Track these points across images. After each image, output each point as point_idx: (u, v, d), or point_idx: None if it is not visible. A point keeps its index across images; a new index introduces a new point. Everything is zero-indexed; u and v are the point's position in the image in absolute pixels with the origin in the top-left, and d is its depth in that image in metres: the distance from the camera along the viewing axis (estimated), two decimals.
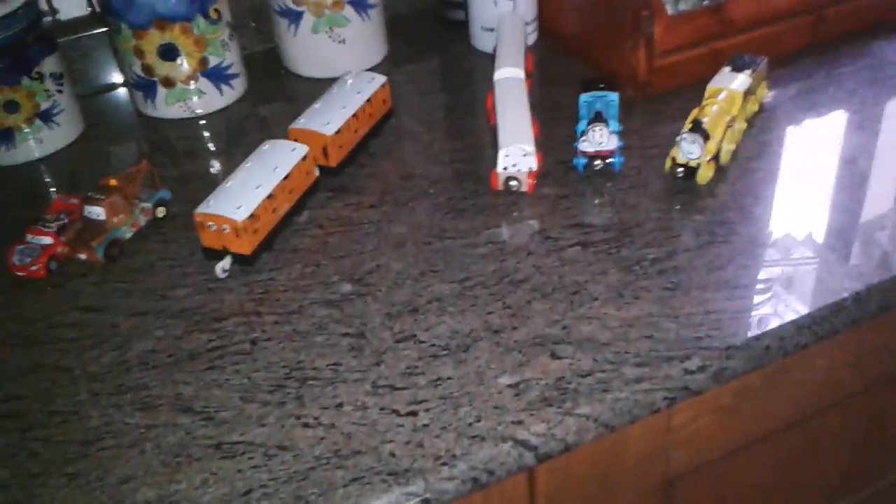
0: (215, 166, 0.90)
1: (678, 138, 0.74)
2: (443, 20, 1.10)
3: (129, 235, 0.76)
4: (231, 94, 0.97)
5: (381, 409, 0.58)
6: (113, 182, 0.75)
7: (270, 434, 0.57)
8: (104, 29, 0.98)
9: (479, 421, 0.57)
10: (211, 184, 0.84)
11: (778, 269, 0.67)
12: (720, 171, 0.77)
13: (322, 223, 0.77)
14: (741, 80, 0.80)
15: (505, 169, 0.75)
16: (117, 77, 1.03)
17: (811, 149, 0.81)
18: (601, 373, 0.59)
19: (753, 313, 0.63)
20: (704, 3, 0.90)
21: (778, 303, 0.64)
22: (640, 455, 0.67)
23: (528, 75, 0.88)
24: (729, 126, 0.77)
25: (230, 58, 0.95)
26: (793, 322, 0.62)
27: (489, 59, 0.96)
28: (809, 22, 0.94)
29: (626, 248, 0.70)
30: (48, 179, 0.89)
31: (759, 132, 0.84)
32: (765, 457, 0.79)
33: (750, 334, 0.61)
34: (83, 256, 0.73)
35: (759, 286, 0.66)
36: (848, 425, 0.83)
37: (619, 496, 0.70)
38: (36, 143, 0.90)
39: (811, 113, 0.86)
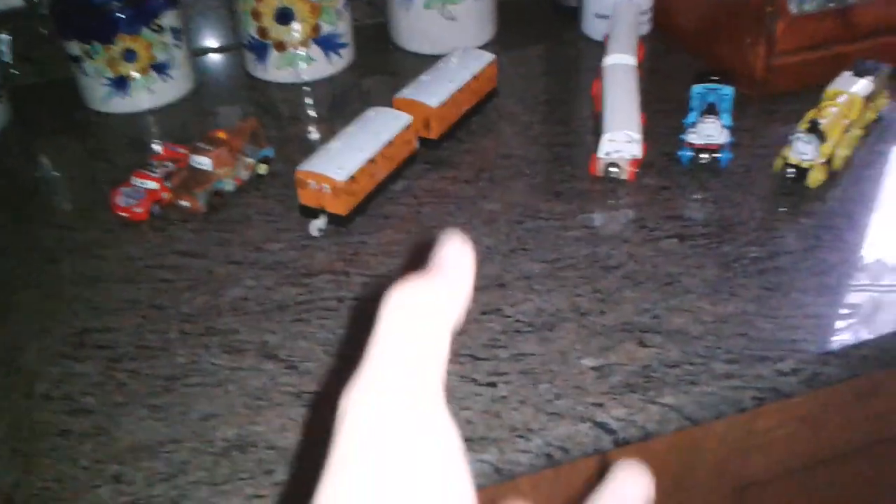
0: (316, 131, 0.91)
1: (792, 137, 0.71)
2: (555, 5, 1.09)
3: (231, 188, 0.77)
4: (339, 62, 0.98)
5: (461, 377, 0.58)
6: (221, 134, 0.77)
7: None
8: None
9: (558, 399, 0.56)
10: (310, 148, 0.86)
11: (884, 279, 0.64)
12: (832, 176, 0.74)
13: (416, 193, 0.77)
14: (862, 86, 0.77)
15: (607, 154, 0.74)
16: (228, 39, 1.05)
17: None
18: (689, 365, 0.57)
19: (854, 321, 0.60)
20: (830, 4, 0.87)
21: (881, 313, 0.61)
22: (719, 455, 0.65)
23: (639, 65, 0.86)
24: (846, 131, 0.74)
25: (342, 27, 0.96)
26: (894, 333, 0.59)
27: (599, 48, 0.95)
28: None
29: (726, 245, 0.68)
30: (156, 130, 0.92)
31: (876, 142, 0.80)
32: (846, 475, 0.75)
33: (848, 342, 0.59)
34: (186, 203, 0.75)
35: (862, 295, 0.63)
36: None
37: (694, 494, 0.68)
38: (148, 94, 0.93)
39: None
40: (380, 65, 1.02)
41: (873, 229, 0.69)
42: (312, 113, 0.95)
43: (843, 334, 0.59)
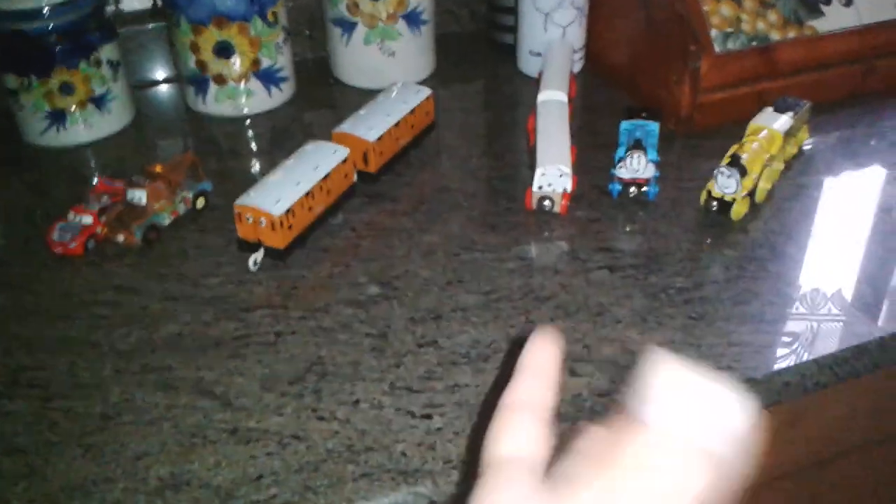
0: (256, 165, 0.92)
1: (715, 171, 0.74)
2: (491, 42, 1.12)
3: (167, 222, 0.77)
4: (279, 96, 0.99)
5: (397, 409, 0.59)
6: (158, 168, 0.77)
7: (286, 424, 0.58)
8: (163, 23, 1.01)
9: None
10: (251, 181, 0.86)
11: (804, 308, 0.67)
12: (755, 208, 0.77)
13: (355, 226, 0.78)
14: (783, 121, 0.81)
15: (540, 188, 0.76)
16: (169, 72, 1.05)
17: (847, 195, 0.81)
18: (619, 394, 0.59)
19: (776, 349, 0.63)
20: (753, 43, 0.90)
21: (801, 341, 0.63)
22: None
23: (571, 101, 0.89)
24: (767, 165, 0.77)
25: (282, 61, 0.97)
26: (814, 360, 0.62)
27: (534, 84, 0.98)
28: (857, 72, 0.94)
29: (653, 276, 0.70)
30: (94, 163, 0.92)
31: (797, 175, 0.84)
32: (779, 499, 0.78)
33: (770, 369, 0.61)
34: (121, 238, 0.75)
35: (783, 323, 0.65)
36: (868, 474, 0.82)
37: None
38: (86, 128, 0.92)
39: (850, 161, 0.86)
40: (320, 98, 1.03)
41: (794, 260, 0.72)
42: (252, 146, 0.95)
43: (766, 362, 0.62)
